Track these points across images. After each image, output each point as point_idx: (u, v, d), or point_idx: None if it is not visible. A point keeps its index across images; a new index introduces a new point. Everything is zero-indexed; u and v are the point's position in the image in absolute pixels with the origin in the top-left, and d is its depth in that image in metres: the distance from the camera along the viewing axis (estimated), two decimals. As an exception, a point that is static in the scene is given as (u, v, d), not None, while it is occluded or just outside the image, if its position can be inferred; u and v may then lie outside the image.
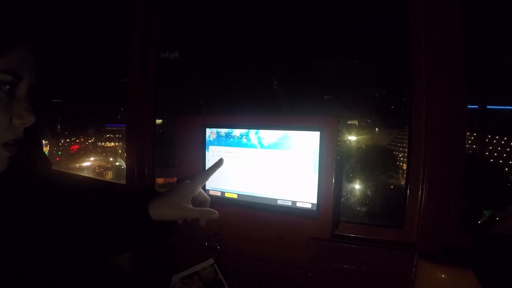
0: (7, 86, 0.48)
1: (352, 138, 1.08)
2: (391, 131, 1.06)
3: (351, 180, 1.01)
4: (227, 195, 0.85)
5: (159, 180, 1.19)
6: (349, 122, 1.11)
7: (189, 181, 0.74)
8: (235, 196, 0.84)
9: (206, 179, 0.76)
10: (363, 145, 1.07)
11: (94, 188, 1.32)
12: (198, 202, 0.78)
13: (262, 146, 0.78)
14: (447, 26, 0.71)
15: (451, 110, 0.71)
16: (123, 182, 1.18)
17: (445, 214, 0.72)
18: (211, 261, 0.86)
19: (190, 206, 0.71)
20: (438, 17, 0.72)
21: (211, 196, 0.86)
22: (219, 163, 0.79)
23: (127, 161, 1.14)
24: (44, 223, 0.64)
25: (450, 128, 0.72)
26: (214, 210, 0.73)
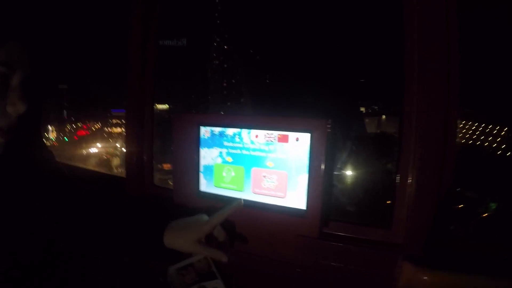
0: (1, 78, 0.51)
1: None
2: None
3: (356, 169, 1.01)
4: (220, 193, 0.87)
5: (166, 166, 1.22)
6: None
7: (206, 217, 0.69)
8: (228, 194, 0.86)
9: (223, 219, 0.68)
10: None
11: (105, 184, 1.35)
12: (215, 239, 0.72)
13: (253, 146, 0.80)
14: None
15: (441, 114, 0.72)
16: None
17: (431, 218, 0.74)
18: None
19: (202, 244, 0.68)
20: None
21: (203, 192, 0.88)
22: (239, 203, 0.69)
23: (126, 149, 1.17)
24: (43, 213, 0.66)
25: (440, 131, 0.72)
26: (223, 254, 0.67)
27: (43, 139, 0.80)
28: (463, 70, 0.75)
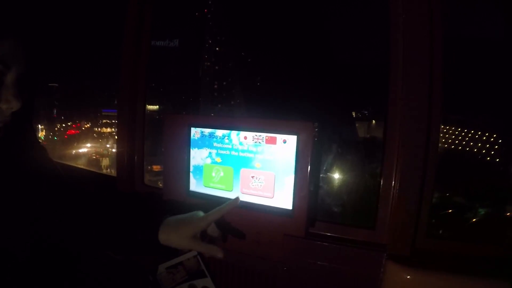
0: None
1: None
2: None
3: (346, 172, 1.03)
4: (209, 193, 0.89)
5: (156, 167, 1.22)
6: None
7: (202, 214, 0.69)
8: (217, 193, 0.88)
9: (219, 216, 0.68)
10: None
11: (95, 182, 1.34)
12: (209, 236, 0.74)
13: (242, 147, 0.82)
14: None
15: (424, 119, 0.75)
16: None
17: (414, 218, 0.76)
18: (194, 252, 0.90)
19: (198, 240, 0.68)
20: None
21: (193, 192, 0.90)
22: (235, 201, 0.70)
23: (118, 148, 1.17)
24: (36, 208, 0.66)
25: (422, 136, 0.75)
26: (219, 249, 0.66)
27: (36, 136, 0.80)
28: (454, 78, 0.77)
